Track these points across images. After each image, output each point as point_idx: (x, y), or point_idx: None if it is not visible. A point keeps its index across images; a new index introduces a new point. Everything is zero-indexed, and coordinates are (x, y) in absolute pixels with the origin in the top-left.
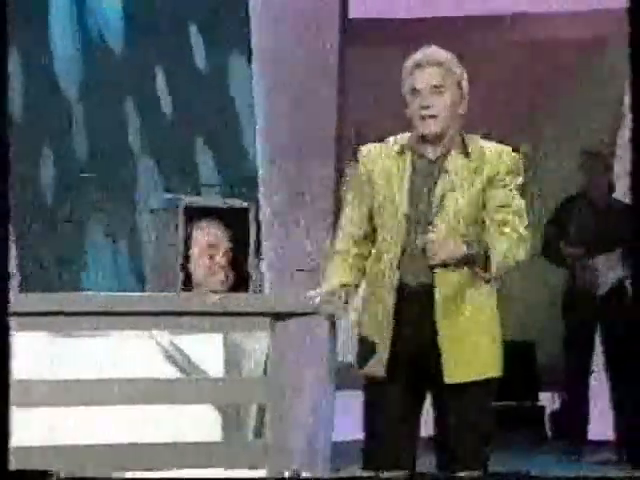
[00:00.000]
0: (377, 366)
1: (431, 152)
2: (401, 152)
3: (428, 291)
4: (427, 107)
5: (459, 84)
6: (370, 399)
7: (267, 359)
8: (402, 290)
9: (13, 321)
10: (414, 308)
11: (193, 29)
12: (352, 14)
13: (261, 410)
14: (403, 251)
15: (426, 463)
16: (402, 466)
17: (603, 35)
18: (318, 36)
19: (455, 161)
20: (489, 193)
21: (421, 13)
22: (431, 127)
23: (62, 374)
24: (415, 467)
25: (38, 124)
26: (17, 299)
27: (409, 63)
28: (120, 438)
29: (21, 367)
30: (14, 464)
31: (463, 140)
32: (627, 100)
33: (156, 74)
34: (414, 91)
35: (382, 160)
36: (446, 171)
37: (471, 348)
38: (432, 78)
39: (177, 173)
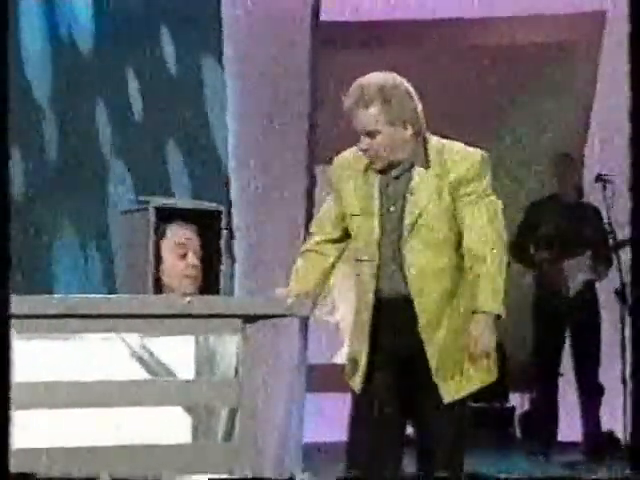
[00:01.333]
0: (356, 381)
1: (394, 171)
2: (367, 169)
3: (408, 302)
4: (366, 150)
5: (398, 111)
6: (356, 405)
7: (238, 361)
8: (379, 302)
9: None
10: (392, 319)
11: (165, 31)
12: (324, 17)
13: (232, 412)
14: (379, 264)
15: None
16: (387, 472)
17: (571, 38)
18: (290, 39)
19: (419, 177)
20: (459, 209)
21: (392, 16)
22: (376, 164)
23: (30, 376)
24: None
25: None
26: None
27: (345, 105)
28: (89, 440)
29: None
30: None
31: (426, 151)
32: (595, 104)
33: (127, 77)
34: (356, 130)
35: (351, 175)
36: (412, 192)
37: (461, 359)
38: (362, 123)
39: (148, 175)
